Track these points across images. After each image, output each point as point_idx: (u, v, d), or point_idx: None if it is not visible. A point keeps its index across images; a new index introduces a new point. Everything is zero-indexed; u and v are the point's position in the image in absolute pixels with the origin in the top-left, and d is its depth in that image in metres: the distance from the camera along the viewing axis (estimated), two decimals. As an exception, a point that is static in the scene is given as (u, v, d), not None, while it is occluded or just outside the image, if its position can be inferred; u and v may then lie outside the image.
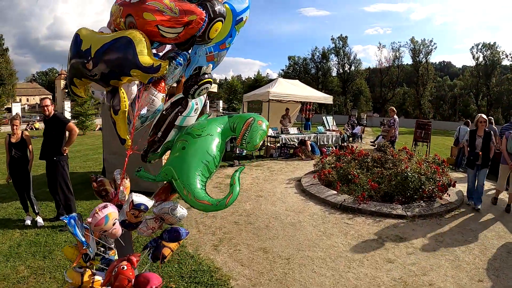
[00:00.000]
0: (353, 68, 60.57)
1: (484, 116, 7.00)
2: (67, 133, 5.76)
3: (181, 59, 2.69)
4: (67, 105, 30.43)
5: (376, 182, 7.23)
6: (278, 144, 13.28)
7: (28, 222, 5.78)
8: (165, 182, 3.00)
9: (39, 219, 5.81)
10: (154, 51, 2.74)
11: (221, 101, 45.51)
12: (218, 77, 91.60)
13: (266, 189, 8.25)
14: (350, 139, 19.54)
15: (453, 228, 5.93)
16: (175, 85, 3.13)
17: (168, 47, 2.97)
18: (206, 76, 2.80)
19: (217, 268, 4.40)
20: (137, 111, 2.61)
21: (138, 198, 2.59)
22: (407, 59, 64.81)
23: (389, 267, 4.48)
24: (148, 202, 2.65)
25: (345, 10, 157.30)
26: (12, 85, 44.58)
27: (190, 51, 2.80)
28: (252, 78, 66.46)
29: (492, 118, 11.24)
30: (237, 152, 11.26)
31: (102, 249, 2.76)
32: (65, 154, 5.73)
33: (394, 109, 11.38)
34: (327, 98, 16.02)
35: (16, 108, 29.75)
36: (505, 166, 6.96)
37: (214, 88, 8.89)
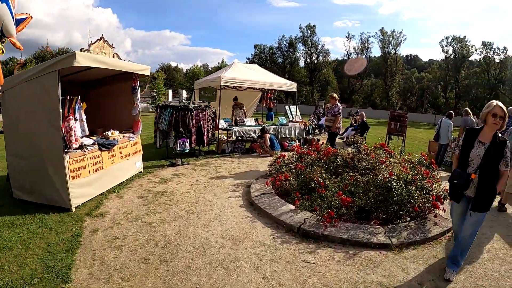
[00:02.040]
0: (320, 58, 61.37)
1: (503, 106, 3.77)
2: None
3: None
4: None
5: (348, 193, 5.65)
6: (234, 138, 11.74)
7: None
8: None
9: None
10: None
11: (184, 91, 44.09)
12: (185, 67, 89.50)
13: (203, 200, 6.50)
14: (316, 130, 18.57)
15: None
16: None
17: None
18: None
19: None
20: None
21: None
22: (375, 51, 66.59)
23: None
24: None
25: (315, 2, 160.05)
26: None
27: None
28: (216, 66, 65.51)
29: (468, 109, 10.74)
30: (178, 148, 9.33)
31: None
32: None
33: (336, 95, 10.09)
34: (290, 85, 14.56)
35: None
36: None
37: (146, 71, 7.28)
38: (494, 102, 3.79)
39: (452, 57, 55.78)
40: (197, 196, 6.69)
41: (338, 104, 9.81)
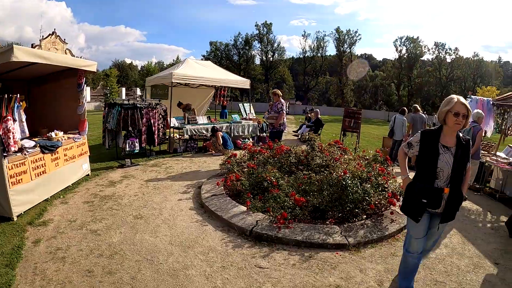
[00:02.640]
0: (276, 55, 62.51)
1: (465, 102, 3.17)
2: None
3: None
4: None
5: (302, 192, 5.50)
6: (187, 137, 11.40)
7: None
8: None
9: None
10: None
11: (138, 89, 42.94)
12: (140, 63, 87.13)
13: (152, 203, 6.10)
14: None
15: None
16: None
17: None
18: None
19: None
20: None
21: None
22: (331, 50, 68.97)
23: None
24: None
25: (272, 0, 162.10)
26: None
27: None
28: (172, 63, 64.05)
29: (418, 106, 10.92)
30: (128, 149, 8.82)
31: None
32: None
33: (279, 92, 9.84)
34: (244, 82, 14.36)
35: None
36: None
37: (92, 67, 6.77)
38: (455, 97, 3.15)
39: (405, 56, 58.95)
40: (146, 199, 6.30)
41: (282, 100, 9.61)
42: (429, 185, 3.19)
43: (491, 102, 10.22)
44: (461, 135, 3.26)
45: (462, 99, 3.14)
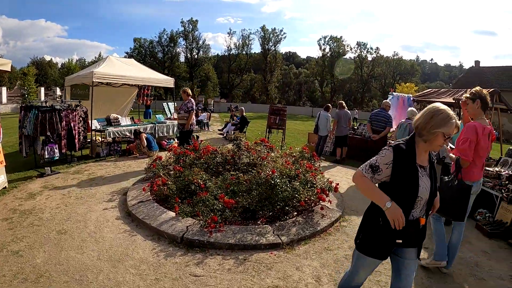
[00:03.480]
0: (201, 53, 62.80)
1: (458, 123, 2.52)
2: None
3: None
4: None
5: (231, 193, 5.49)
6: (110, 139, 10.91)
7: None
8: None
9: None
10: None
11: (58, 89, 39.98)
12: (60, 61, 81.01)
13: (76, 215, 5.65)
14: (196, 127, 17.99)
15: (351, 254, 4.48)
16: None
17: None
18: None
19: None
20: None
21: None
22: (256, 47, 71.10)
23: None
24: None
25: None
26: None
27: None
28: (94, 60, 61.62)
29: (343, 102, 11.37)
30: (47, 156, 8.12)
31: None
32: None
33: (188, 90, 9.70)
34: (167, 81, 14.03)
35: None
36: None
37: (6, 66, 6.09)
38: (452, 118, 2.44)
39: (328, 55, 62.59)
40: (69, 211, 5.81)
41: (191, 99, 9.47)
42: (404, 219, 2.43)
43: (412, 98, 11.08)
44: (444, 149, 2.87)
45: (458, 121, 2.47)
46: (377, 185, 2.54)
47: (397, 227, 2.39)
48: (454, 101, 8.73)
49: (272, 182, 5.27)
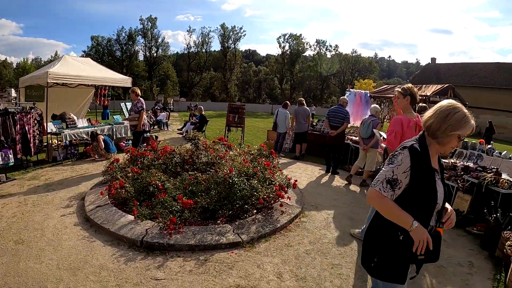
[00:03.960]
0: (160, 51, 61.03)
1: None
2: None
3: None
4: None
5: (190, 193, 5.42)
6: (66, 142, 10.46)
7: None
8: None
9: None
10: None
11: (13, 90, 37.72)
12: (15, 61, 76.79)
13: (33, 224, 5.36)
14: (155, 127, 18.38)
15: (312, 249, 4.55)
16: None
17: None
18: None
19: None
20: None
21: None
22: (216, 45, 70.32)
23: None
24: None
25: None
26: None
27: None
28: (50, 60, 58.32)
29: (303, 99, 11.53)
30: (1, 162, 7.70)
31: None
32: None
33: (137, 90, 9.37)
34: (125, 80, 13.68)
35: None
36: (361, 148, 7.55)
37: None
38: (469, 116, 2.13)
39: (288, 52, 62.58)
40: (26, 219, 5.50)
41: (141, 99, 9.22)
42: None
43: (369, 94, 11.38)
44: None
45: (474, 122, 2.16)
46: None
47: (422, 250, 2.07)
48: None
49: (230, 181, 5.26)
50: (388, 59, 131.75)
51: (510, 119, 33.97)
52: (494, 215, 5.21)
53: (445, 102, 2.22)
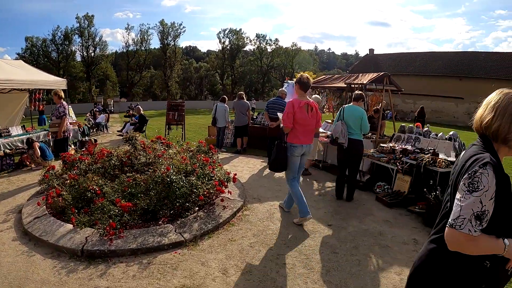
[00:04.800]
0: (98, 50, 57.72)
1: None
2: None
3: None
4: None
5: (129, 195, 5.20)
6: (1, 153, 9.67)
7: None
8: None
9: None
10: None
11: None
12: None
13: None
14: (95, 129, 17.67)
15: (256, 241, 4.55)
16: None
17: None
18: None
19: None
20: None
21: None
22: (155, 43, 68.65)
23: None
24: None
25: None
26: None
27: None
28: None
29: (242, 93, 11.60)
30: None
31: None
32: None
33: (60, 92, 8.88)
34: (59, 82, 12.84)
35: None
36: None
37: None
38: None
39: (228, 47, 62.65)
40: None
41: (64, 103, 8.73)
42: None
43: (307, 85, 11.57)
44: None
45: None
46: None
47: None
48: (345, 85, 9.28)
49: (168, 179, 5.09)
50: (328, 51, 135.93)
51: (446, 104, 36.30)
52: (434, 193, 5.47)
53: (495, 95, 1.80)
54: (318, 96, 8.40)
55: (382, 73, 9.15)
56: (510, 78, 31.92)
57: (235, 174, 6.11)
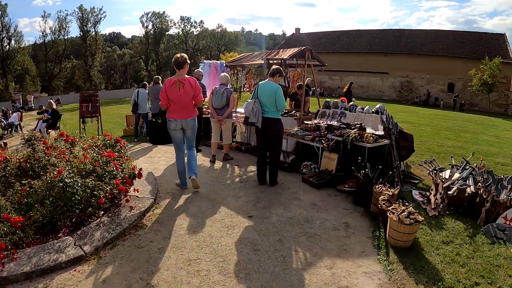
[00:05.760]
0: (13, 43, 52.38)
1: None
2: None
3: None
4: None
5: (26, 207, 4.36)
6: None
7: None
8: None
9: None
10: None
11: None
12: None
13: None
14: (8, 131, 16.36)
15: (166, 245, 4.02)
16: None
17: None
18: None
19: None
20: None
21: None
22: (75, 31, 63.95)
23: None
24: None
25: None
26: None
27: None
28: None
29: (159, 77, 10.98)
30: None
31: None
32: None
33: None
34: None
35: None
36: (213, 120, 7.47)
37: None
38: None
39: (152, 32, 60.98)
40: None
41: None
42: None
43: (224, 64, 11.04)
44: None
45: None
46: None
47: None
48: (263, 62, 8.87)
49: (61, 184, 4.33)
50: (255, 32, 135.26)
51: (372, 79, 37.72)
52: (363, 171, 5.20)
53: None
54: (226, 74, 7.86)
55: (304, 47, 8.80)
56: (432, 53, 33.86)
57: (141, 169, 5.34)
